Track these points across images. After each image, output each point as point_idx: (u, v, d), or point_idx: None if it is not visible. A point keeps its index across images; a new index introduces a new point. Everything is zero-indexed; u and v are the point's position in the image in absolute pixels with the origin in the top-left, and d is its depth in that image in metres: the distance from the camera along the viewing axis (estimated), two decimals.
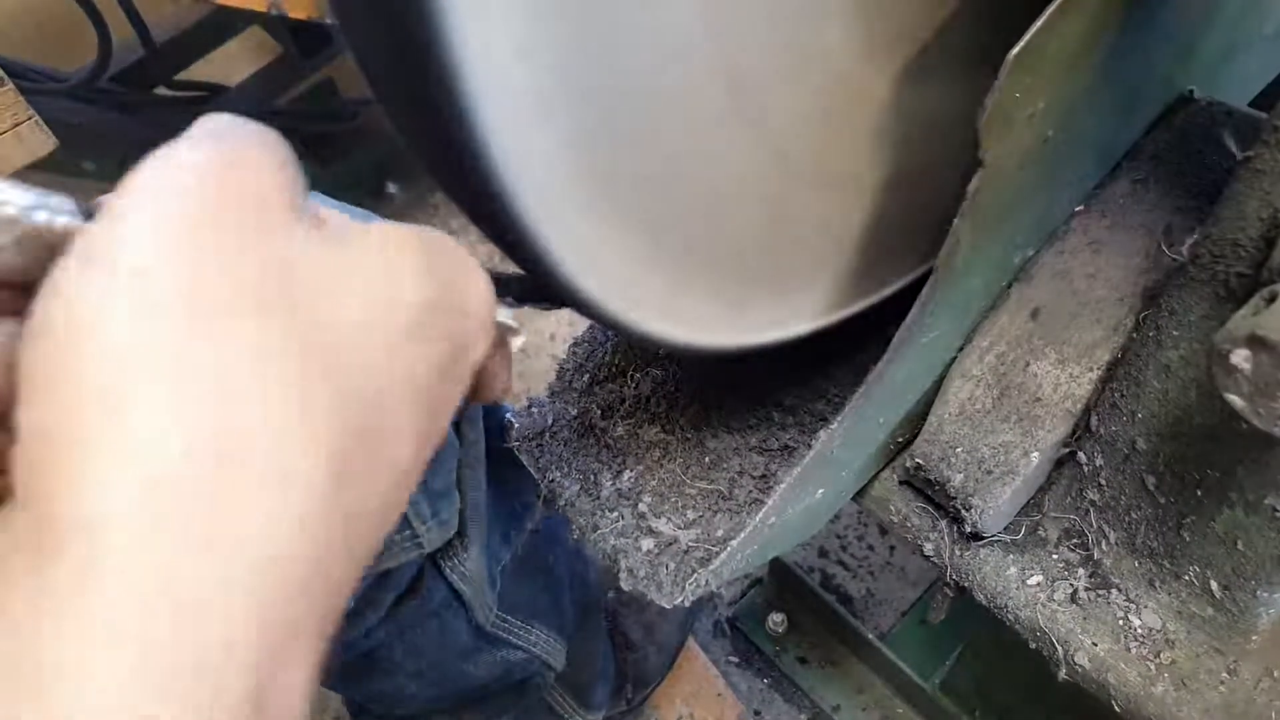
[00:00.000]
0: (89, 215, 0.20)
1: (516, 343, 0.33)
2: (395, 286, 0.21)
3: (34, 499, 0.16)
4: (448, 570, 0.62)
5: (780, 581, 1.04)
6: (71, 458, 0.16)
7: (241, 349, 0.18)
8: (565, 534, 0.80)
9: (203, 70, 1.37)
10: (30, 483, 0.16)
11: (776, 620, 1.02)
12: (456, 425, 0.59)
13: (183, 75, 1.35)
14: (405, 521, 0.55)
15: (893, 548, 1.11)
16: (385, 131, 0.31)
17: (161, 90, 1.34)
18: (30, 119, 0.73)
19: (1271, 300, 0.30)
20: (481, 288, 0.25)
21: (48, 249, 0.20)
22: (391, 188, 1.56)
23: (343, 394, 0.19)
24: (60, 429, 0.16)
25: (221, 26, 1.35)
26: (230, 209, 0.19)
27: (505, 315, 0.32)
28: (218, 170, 0.19)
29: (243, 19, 1.35)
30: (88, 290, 0.17)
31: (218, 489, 0.17)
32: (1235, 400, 0.30)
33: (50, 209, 0.20)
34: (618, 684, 0.96)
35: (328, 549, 0.19)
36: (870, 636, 0.93)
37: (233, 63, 1.42)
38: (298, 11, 0.95)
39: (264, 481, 0.17)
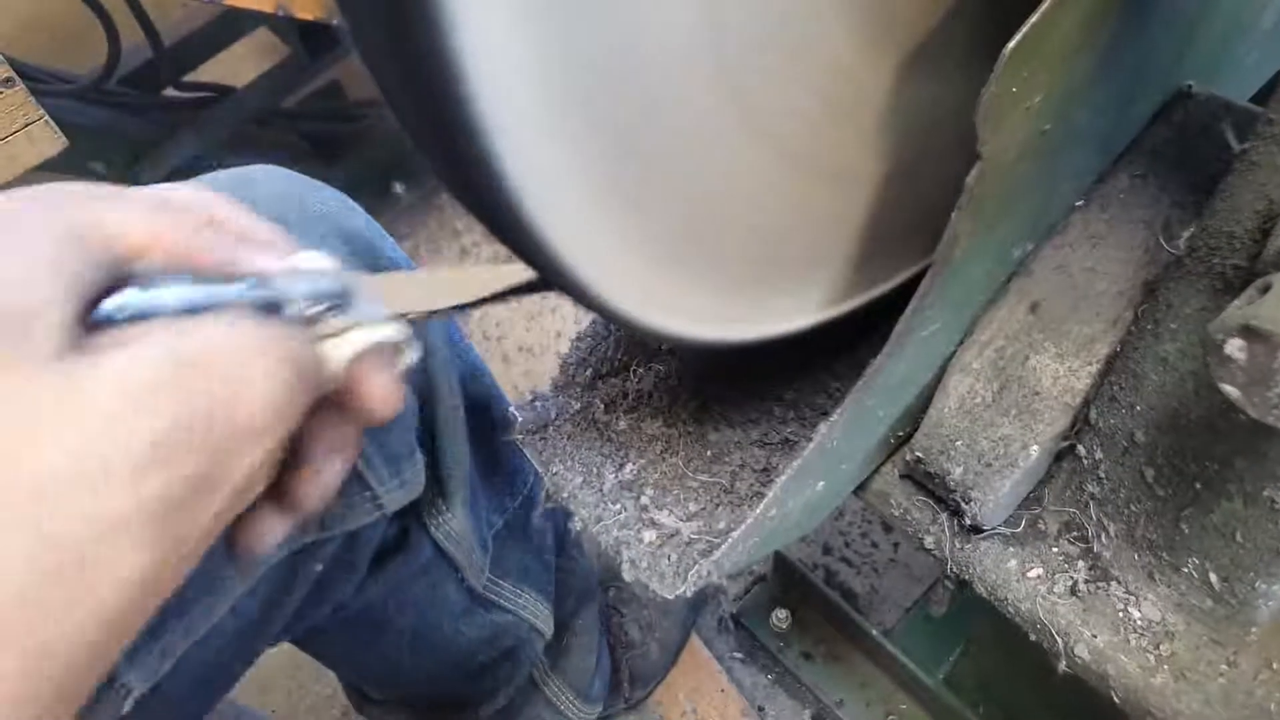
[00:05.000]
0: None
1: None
2: (123, 424, 0.22)
3: None
4: (432, 529, 0.64)
5: (784, 578, 1.04)
6: None
7: None
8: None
9: (211, 71, 1.38)
10: None
11: (780, 616, 1.02)
12: (420, 390, 0.60)
13: (191, 77, 1.36)
14: (364, 483, 0.56)
15: (897, 544, 1.12)
16: (392, 132, 0.31)
17: (170, 91, 1.35)
18: (41, 119, 0.74)
19: (1265, 291, 0.30)
20: (258, 390, 0.24)
21: None
22: (398, 188, 1.56)
23: (39, 538, 0.21)
24: None
25: (229, 28, 1.36)
26: None
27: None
28: None
29: (250, 20, 1.36)
30: None
31: None
32: (1230, 391, 0.31)
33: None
34: (615, 680, 0.97)
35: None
36: (874, 632, 0.94)
37: (240, 64, 1.43)
38: (305, 12, 0.95)
39: None
